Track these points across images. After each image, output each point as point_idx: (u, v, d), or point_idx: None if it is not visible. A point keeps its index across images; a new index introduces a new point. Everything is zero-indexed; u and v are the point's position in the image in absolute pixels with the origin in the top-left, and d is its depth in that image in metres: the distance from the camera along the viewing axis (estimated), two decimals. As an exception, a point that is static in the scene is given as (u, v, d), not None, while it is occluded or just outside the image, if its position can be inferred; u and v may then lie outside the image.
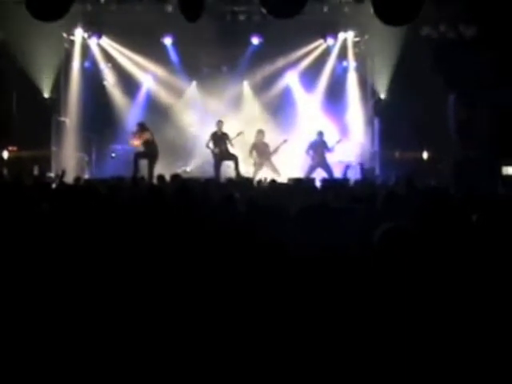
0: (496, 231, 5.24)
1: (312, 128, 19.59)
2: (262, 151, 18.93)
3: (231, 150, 18.71)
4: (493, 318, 3.99)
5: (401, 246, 4.31)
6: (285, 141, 18.71)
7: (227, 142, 18.55)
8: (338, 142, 19.00)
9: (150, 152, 18.21)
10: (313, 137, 18.89)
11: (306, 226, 5.66)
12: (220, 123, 18.78)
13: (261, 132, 19.19)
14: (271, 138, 19.39)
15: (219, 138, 18.66)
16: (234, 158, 18.36)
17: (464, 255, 4.78)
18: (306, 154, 18.68)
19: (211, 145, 18.68)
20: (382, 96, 19.90)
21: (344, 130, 20.53)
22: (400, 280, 4.09)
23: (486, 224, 5.36)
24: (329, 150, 18.63)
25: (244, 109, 21.20)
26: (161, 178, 13.95)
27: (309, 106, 21.21)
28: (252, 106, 21.33)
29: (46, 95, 19.06)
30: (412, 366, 3.68)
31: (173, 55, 20.78)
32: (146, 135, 18.30)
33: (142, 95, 21.27)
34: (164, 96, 21.18)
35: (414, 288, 4.03)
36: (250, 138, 19.31)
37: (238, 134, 18.78)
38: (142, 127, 18.55)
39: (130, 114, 20.79)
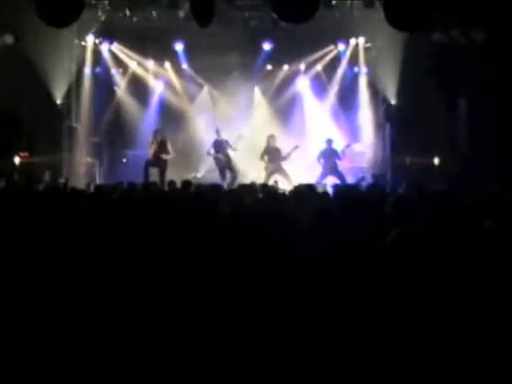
0: (507, 238, 5.22)
1: (322, 134, 19.60)
2: (273, 156, 18.85)
3: (232, 154, 18.81)
4: (504, 321, 3.98)
5: (412, 251, 4.30)
6: (296, 147, 18.64)
7: (228, 148, 18.62)
8: (347, 146, 19.01)
9: (160, 160, 18.22)
10: (323, 145, 18.88)
11: (316, 230, 5.67)
12: (218, 131, 18.84)
13: (272, 137, 19.12)
14: (281, 145, 19.36)
15: (219, 145, 18.72)
16: (234, 172, 18.48)
17: (475, 260, 4.77)
18: (318, 162, 18.69)
19: (212, 151, 18.78)
20: (393, 101, 19.87)
21: (354, 136, 20.53)
22: (411, 284, 4.08)
23: (497, 229, 5.34)
24: (339, 157, 18.63)
25: (254, 114, 21.25)
26: (172, 183, 13.95)
27: (319, 111, 21.22)
28: (263, 111, 21.38)
29: (58, 101, 19.10)
30: (423, 367, 3.67)
31: (184, 61, 20.84)
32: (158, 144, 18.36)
33: (153, 101, 21.33)
34: (175, 102, 21.26)
35: (425, 292, 4.03)
36: (261, 143, 19.27)
37: (238, 138, 18.85)
38: (155, 134, 18.59)
39: (142, 119, 20.85)
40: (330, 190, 13.02)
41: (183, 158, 19.66)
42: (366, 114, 20.90)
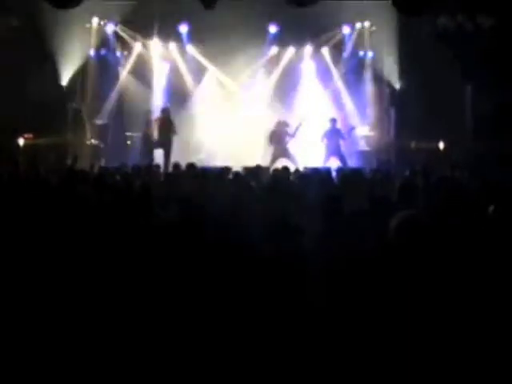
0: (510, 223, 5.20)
1: (326, 116, 19.52)
2: (281, 140, 18.70)
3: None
4: (507, 308, 3.97)
5: (416, 236, 4.28)
6: (300, 124, 18.54)
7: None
8: (352, 129, 19.00)
9: (165, 141, 18.21)
10: (327, 124, 18.80)
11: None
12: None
13: (281, 123, 18.96)
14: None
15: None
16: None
17: (479, 246, 4.75)
18: (322, 142, 18.61)
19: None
20: (399, 86, 19.81)
21: (359, 120, 20.50)
22: (415, 269, 4.07)
23: (503, 215, 5.32)
24: (343, 137, 18.55)
25: (259, 96, 21.16)
26: (176, 166, 13.95)
27: (324, 94, 21.17)
28: (267, 93, 21.29)
29: (62, 82, 19.08)
30: (429, 357, 3.66)
31: (188, 43, 20.80)
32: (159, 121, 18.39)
33: (158, 83, 21.27)
34: (180, 84, 21.19)
35: (430, 278, 4.01)
36: (266, 124, 19.19)
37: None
38: (163, 112, 18.62)
39: (146, 101, 20.78)
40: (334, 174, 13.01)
41: (187, 141, 19.62)
42: (370, 98, 20.84)
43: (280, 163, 17.17)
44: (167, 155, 18.01)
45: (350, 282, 4.19)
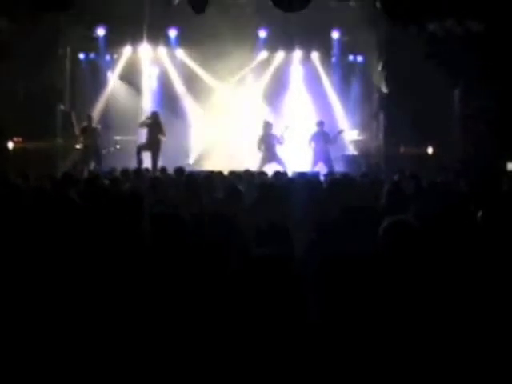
0: (501, 228, 5.22)
1: (314, 120, 19.55)
2: (269, 144, 18.75)
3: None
4: (496, 314, 3.98)
5: (405, 240, 4.29)
6: (286, 127, 18.56)
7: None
8: (340, 132, 19.00)
9: (153, 144, 18.22)
10: (314, 128, 18.84)
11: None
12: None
13: (268, 124, 19.03)
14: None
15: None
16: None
17: (469, 251, 4.77)
18: (309, 146, 18.63)
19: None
20: (388, 90, 19.86)
21: (348, 124, 20.57)
22: (404, 274, 4.08)
23: (491, 221, 5.34)
24: (330, 141, 18.55)
25: (248, 101, 21.18)
26: (163, 170, 13.97)
27: (313, 98, 21.21)
28: (257, 98, 21.30)
29: (51, 86, 19.04)
30: (420, 361, 3.67)
31: (178, 47, 20.83)
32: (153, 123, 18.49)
33: (147, 87, 21.29)
34: (169, 88, 21.20)
35: (418, 283, 4.02)
36: (255, 129, 19.28)
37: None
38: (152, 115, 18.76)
39: (136, 105, 20.78)
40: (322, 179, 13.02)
41: (175, 146, 19.62)
42: (359, 102, 20.90)
43: (269, 167, 17.21)
44: (155, 158, 18.02)
45: (339, 285, 4.19)
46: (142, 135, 18.85)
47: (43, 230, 5.56)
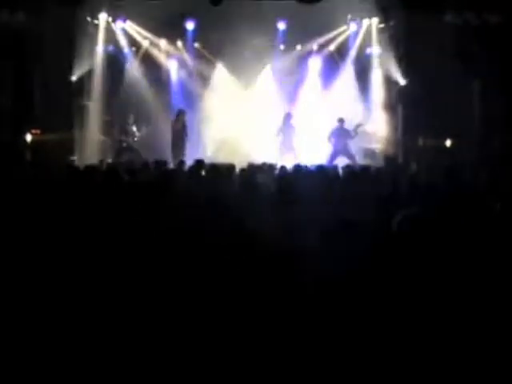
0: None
1: (334, 114, 19.52)
2: (288, 135, 18.83)
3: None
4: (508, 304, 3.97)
5: (420, 232, 4.27)
6: (359, 125, 18.65)
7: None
8: (359, 126, 18.93)
9: (179, 138, 18.44)
10: (334, 124, 18.86)
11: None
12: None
13: (289, 115, 19.15)
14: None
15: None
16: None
17: (486, 243, 4.75)
18: (329, 142, 18.66)
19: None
20: (406, 83, 19.76)
21: (367, 116, 20.47)
22: (419, 266, 4.06)
23: (510, 213, 5.31)
24: (351, 137, 18.58)
25: (265, 93, 21.15)
26: (181, 162, 14.00)
27: (332, 91, 21.14)
28: (273, 91, 21.26)
29: (70, 78, 19.08)
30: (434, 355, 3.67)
31: (195, 40, 20.84)
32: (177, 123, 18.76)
33: (165, 80, 21.33)
34: (188, 81, 21.22)
35: (434, 274, 4.01)
36: (273, 122, 19.35)
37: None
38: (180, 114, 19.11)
39: (154, 98, 20.80)
40: (340, 171, 13.00)
41: (192, 138, 19.66)
42: (378, 95, 20.81)
43: (287, 159, 17.24)
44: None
45: (349, 279, 4.20)
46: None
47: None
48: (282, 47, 21.13)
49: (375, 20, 20.29)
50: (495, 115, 17.73)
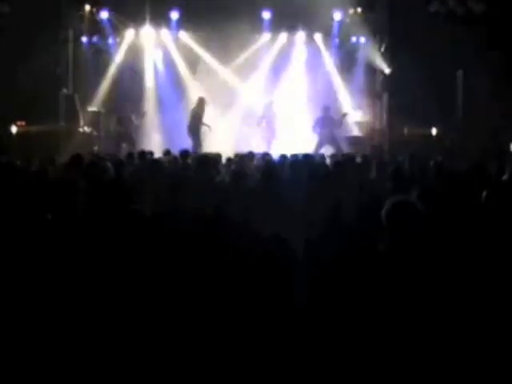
0: (504, 209, 5.21)
1: (319, 102, 19.51)
2: (270, 123, 18.85)
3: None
4: (499, 297, 3.99)
5: (408, 221, 4.27)
6: (345, 114, 18.81)
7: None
8: (345, 115, 18.89)
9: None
10: (318, 113, 18.81)
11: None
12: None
13: (271, 103, 19.15)
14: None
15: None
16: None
17: (472, 231, 4.77)
18: (313, 131, 18.52)
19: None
20: (391, 71, 19.79)
21: (352, 105, 20.50)
22: (409, 254, 4.07)
23: (495, 201, 5.33)
24: (337, 125, 18.51)
25: (250, 81, 21.13)
26: (167, 152, 13.97)
27: (317, 80, 21.13)
28: (259, 78, 21.23)
29: (54, 69, 19.00)
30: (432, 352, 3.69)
31: (180, 29, 20.77)
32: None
33: (150, 70, 21.26)
34: (173, 70, 21.15)
35: (422, 263, 4.02)
36: (259, 111, 19.41)
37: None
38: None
39: (139, 88, 20.77)
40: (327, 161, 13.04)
41: (178, 128, 19.63)
42: (362, 84, 20.83)
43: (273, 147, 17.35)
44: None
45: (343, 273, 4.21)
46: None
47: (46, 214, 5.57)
48: (266, 36, 21.08)
49: (359, 9, 20.29)
50: (478, 102, 17.77)
